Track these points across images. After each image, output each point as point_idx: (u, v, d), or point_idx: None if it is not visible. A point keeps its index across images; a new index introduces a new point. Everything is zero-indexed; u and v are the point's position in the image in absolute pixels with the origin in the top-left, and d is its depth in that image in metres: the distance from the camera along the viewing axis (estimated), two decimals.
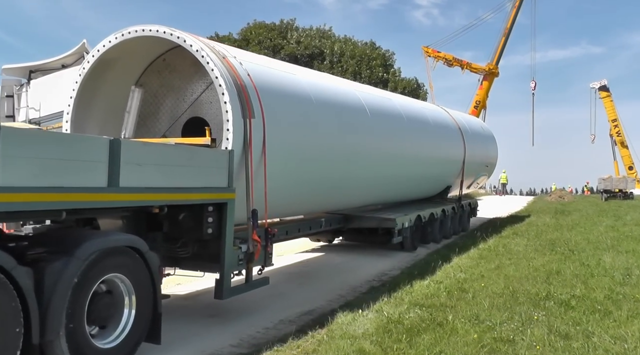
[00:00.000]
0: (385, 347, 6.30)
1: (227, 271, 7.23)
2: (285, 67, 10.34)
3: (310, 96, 9.76)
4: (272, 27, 48.11)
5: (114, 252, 5.54)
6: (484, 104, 49.13)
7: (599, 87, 56.05)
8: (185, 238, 7.11)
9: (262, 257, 7.95)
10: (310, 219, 12.02)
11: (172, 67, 9.22)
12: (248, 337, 7.07)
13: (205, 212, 6.94)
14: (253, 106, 7.87)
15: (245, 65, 8.36)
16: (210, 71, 7.59)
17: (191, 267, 7.63)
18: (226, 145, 7.47)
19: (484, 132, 22.25)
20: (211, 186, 6.96)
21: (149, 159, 5.98)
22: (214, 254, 7.19)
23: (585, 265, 11.58)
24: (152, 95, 9.31)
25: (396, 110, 13.79)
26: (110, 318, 5.63)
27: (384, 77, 45.89)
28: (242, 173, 7.60)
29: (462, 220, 19.11)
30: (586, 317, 7.58)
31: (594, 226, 19.74)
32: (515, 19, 49.01)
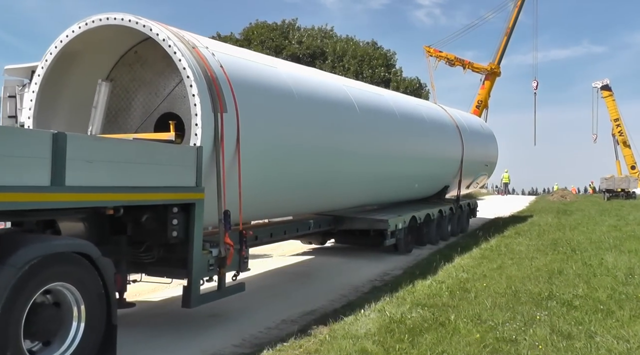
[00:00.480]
0: (387, 347, 6.28)
1: (196, 277, 6.72)
2: (265, 59, 9.78)
3: (292, 90, 9.26)
4: (274, 27, 48.09)
5: (58, 258, 4.96)
6: (486, 104, 49.04)
7: (601, 87, 55.94)
8: (149, 242, 6.64)
9: (235, 261, 7.44)
10: (299, 220, 11.56)
11: (144, 60, 8.69)
12: (250, 336, 7.07)
13: (170, 214, 6.44)
14: (225, 100, 7.39)
15: (218, 56, 7.88)
16: (177, 62, 7.10)
17: (157, 273, 7.13)
18: (195, 141, 6.94)
19: (484, 131, 21.88)
20: (176, 185, 6.45)
21: (102, 155, 5.47)
22: (181, 258, 6.70)
23: (587, 265, 11.55)
24: (124, 90, 8.82)
25: (388, 106, 13.34)
26: (55, 332, 5.08)
27: (385, 76, 45.83)
28: (213, 171, 7.14)
29: (461, 221, 18.73)
30: (589, 317, 7.55)
31: (596, 226, 19.71)
32: (517, 18, 48.95)
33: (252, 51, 9.90)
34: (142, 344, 6.75)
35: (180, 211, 6.52)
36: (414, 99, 18.20)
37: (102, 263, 5.35)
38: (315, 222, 11.81)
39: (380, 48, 48.75)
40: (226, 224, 7.11)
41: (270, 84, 8.84)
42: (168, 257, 6.82)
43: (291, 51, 44.99)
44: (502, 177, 49.64)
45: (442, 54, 48.19)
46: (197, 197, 6.70)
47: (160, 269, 7.00)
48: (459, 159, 17.64)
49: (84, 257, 5.20)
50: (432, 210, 15.64)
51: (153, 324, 7.60)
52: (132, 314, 7.57)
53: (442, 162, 16.72)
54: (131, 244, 6.59)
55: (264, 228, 10.30)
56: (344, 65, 45.53)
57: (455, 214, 17.70)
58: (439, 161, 16.42)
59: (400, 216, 13.60)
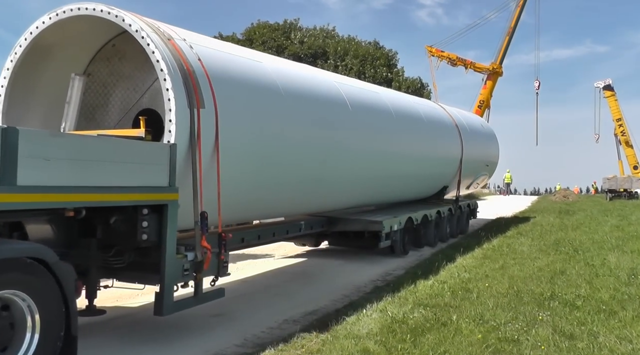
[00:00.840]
0: (389, 347, 6.28)
1: (169, 283, 6.33)
2: (249, 53, 9.33)
3: (278, 86, 8.87)
4: (276, 27, 48.18)
5: (8, 265, 4.55)
6: (488, 104, 49.00)
7: (603, 87, 55.82)
8: (119, 245, 6.30)
9: (214, 266, 7.04)
10: (289, 221, 11.17)
11: (122, 53, 8.28)
12: (252, 336, 7.07)
13: (140, 216, 6.09)
14: (203, 95, 7.01)
15: (197, 49, 7.52)
16: (150, 54, 6.73)
17: (129, 279, 6.74)
18: (168, 138, 6.59)
19: (484, 130, 21.57)
20: (146, 185, 6.07)
21: (61, 152, 5.07)
22: (154, 263, 6.32)
23: (590, 265, 11.55)
24: (102, 85, 8.42)
25: (383, 104, 12.94)
26: (5, 344, 4.69)
27: (387, 76, 45.87)
28: (189, 171, 6.79)
29: (461, 222, 18.34)
30: (591, 317, 7.55)
31: (598, 226, 19.71)
32: (519, 18, 48.87)
33: (237, 45, 9.43)
34: (144, 344, 6.77)
35: (150, 213, 6.16)
36: (411, 97, 17.83)
37: (60, 269, 4.94)
38: (307, 224, 11.45)
39: (382, 48, 48.83)
40: (203, 226, 6.75)
41: (254, 79, 8.45)
42: (140, 262, 6.44)
43: (293, 51, 45.02)
44: (504, 177, 49.64)
45: (444, 54, 48.15)
46: (170, 198, 6.34)
47: (132, 274, 6.60)
48: (458, 159, 17.27)
49: (39, 262, 4.79)
50: (430, 211, 15.27)
51: (155, 324, 7.60)
52: (135, 314, 7.60)
53: (441, 162, 16.36)
54: (101, 248, 6.26)
55: (251, 230, 9.91)
56: (346, 65, 45.56)
57: (454, 215, 17.33)
58: (437, 161, 16.05)
59: (396, 217, 13.29)
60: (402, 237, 13.64)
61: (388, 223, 12.64)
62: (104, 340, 6.80)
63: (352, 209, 13.36)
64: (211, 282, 7.26)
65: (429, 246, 15.15)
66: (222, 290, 7.41)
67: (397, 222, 13.21)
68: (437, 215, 15.70)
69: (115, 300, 8.41)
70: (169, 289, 6.35)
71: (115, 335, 7.00)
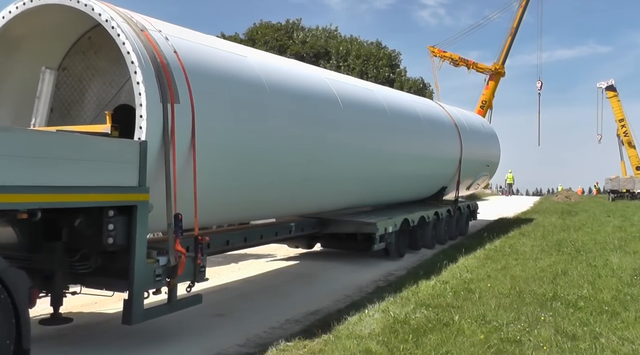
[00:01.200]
0: (391, 348, 6.28)
1: (138, 289, 5.95)
2: (232, 47, 8.87)
3: (263, 82, 8.47)
4: (278, 27, 48.31)
5: None
6: (490, 104, 48.94)
7: (605, 87, 55.65)
8: (85, 249, 5.94)
9: (189, 271, 6.63)
10: (279, 223, 10.83)
11: (98, 46, 7.82)
12: (254, 336, 7.07)
13: (105, 218, 5.73)
14: (178, 89, 6.64)
15: (173, 41, 7.12)
16: (121, 45, 6.33)
17: (96, 285, 6.36)
18: (139, 135, 6.20)
19: (485, 130, 21.28)
20: (112, 185, 5.71)
21: (11, 149, 4.74)
22: (123, 268, 5.96)
23: (592, 265, 11.56)
24: (77, 80, 8.02)
25: (377, 102, 12.53)
26: None
27: (390, 77, 45.91)
28: (162, 169, 6.43)
29: (460, 223, 17.98)
30: (593, 318, 7.55)
31: (601, 227, 19.74)
32: (521, 18, 48.80)
33: (220, 39, 8.86)
34: (146, 344, 6.77)
35: (117, 215, 5.80)
36: (408, 95, 17.44)
37: (9, 276, 4.52)
38: (297, 225, 11.06)
39: (384, 48, 48.86)
40: (177, 228, 6.39)
41: (236, 74, 8.06)
42: (108, 267, 6.10)
43: (295, 51, 45.05)
44: (506, 177, 49.67)
45: (446, 54, 48.10)
46: (139, 199, 5.95)
47: (99, 279, 6.24)
48: (457, 159, 16.88)
49: None
50: (428, 212, 14.87)
51: (156, 323, 7.59)
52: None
53: (439, 162, 15.95)
54: (67, 252, 5.93)
55: (237, 232, 9.56)
56: (349, 65, 45.59)
57: (453, 216, 16.90)
58: (435, 161, 15.62)
59: (391, 219, 12.84)
60: (398, 240, 13.22)
61: (382, 225, 12.20)
62: (105, 341, 6.80)
63: (347, 210, 13.05)
64: (187, 288, 6.89)
65: (427, 248, 14.79)
66: (200, 296, 7.03)
67: (392, 223, 12.78)
68: (435, 217, 15.29)
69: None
70: (138, 296, 5.96)
71: (116, 335, 7.00)
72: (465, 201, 19.47)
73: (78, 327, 7.08)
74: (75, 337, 6.91)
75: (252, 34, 47.62)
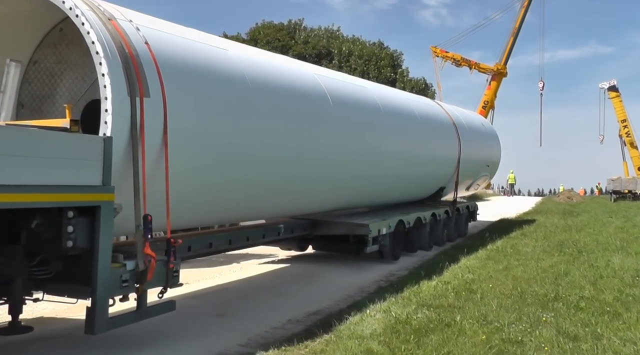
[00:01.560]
0: (393, 348, 6.29)
1: (102, 296, 5.57)
2: (213, 40, 8.40)
3: (245, 77, 8.08)
4: (280, 27, 48.37)
5: None
6: (492, 104, 48.83)
7: (608, 87, 55.53)
8: (44, 253, 5.56)
9: (161, 276, 6.23)
10: (268, 224, 10.53)
11: (70, 38, 7.33)
12: (256, 336, 7.07)
13: (65, 219, 5.33)
14: (148, 82, 6.26)
15: (145, 31, 6.71)
16: (85, 35, 5.93)
17: (58, 292, 5.94)
18: (104, 130, 5.82)
19: (485, 129, 20.95)
20: (71, 184, 5.30)
21: None
22: (86, 273, 5.56)
23: (594, 266, 11.55)
24: (48, 74, 7.60)
25: (371, 99, 12.16)
26: None
27: (392, 77, 45.90)
28: (130, 168, 6.07)
29: (459, 224, 17.66)
30: (595, 318, 7.56)
31: (603, 227, 19.69)
32: (524, 18, 48.68)
33: (199, 31, 8.50)
34: (146, 344, 6.76)
35: (78, 216, 5.41)
36: (403, 93, 16.88)
37: None
38: (287, 227, 10.72)
39: (386, 48, 48.85)
40: (146, 230, 5.98)
41: (215, 67, 7.63)
42: (70, 272, 5.69)
43: (297, 51, 45.07)
44: (508, 177, 49.62)
45: (448, 55, 48.02)
46: (103, 199, 5.55)
47: (62, 286, 5.83)
48: (456, 159, 16.46)
49: None
50: (424, 213, 14.52)
51: (156, 323, 7.59)
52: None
53: (436, 162, 15.54)
54: (27, 256, 5.55)
55: (221, 234, 9.18)
56: (351, 66, 45.60)
57: (451, 217, 16.55)
58: (432, 160, 15.22)
59: (385, 220, 12.46)
60: (392, 241, 12.84)
61: (375, 226, 11.81)
62: (102, 341, 6.77)
63: (341, 212, 12.74)
64: (159, 294, 6.54)
65: (423, 250, 14.43)
66: (172, 303, 6.66)
67: (386, 225, 12.40)
68: (432, 218, 14.94)
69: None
70: (102, 303, 5.59)
71: (117, 334, 7.00)
72: (464, 202, 19.20)
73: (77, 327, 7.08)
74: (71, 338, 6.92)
75: (254, 34, 47.66)
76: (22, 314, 5.88)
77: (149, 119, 6.19)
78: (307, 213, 11.29)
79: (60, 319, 7.66)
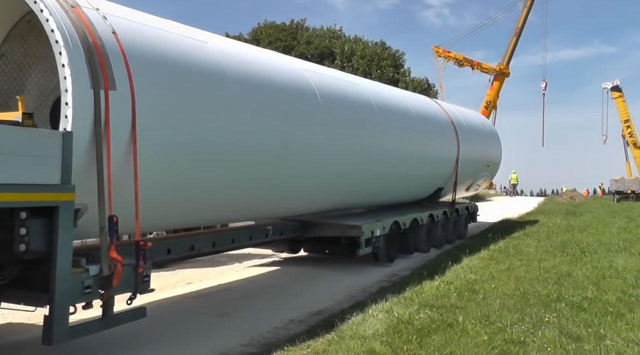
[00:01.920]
0: (395, 348, 6.28)
1: (61, 304, 5.16)
2: (191, 32, 7.96)
3: (225, 71, 7.71)
4: (283, 27, 48.45)
5: None
6: (495, 104, 48.83)
7: (611, 88, 55.53)
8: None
9: (129, 281, 5.88)
10: (254, 226, 10.18)
11: (39, 30, 6.75)
12: (258, 336, 7.08)
13: (17, 221, 4.91)
14: (114, 74, 5.87)
15: (113, 20, 6.28)
16: (44, 22, 5.56)
17: (14, 299, 5.55)
18: (64, 125, 5.44)
19: (485, 128, 20.56)
20: (23, 182, 4.88)
21: None
22: (44, 279, 5.19)
23: (596, 267, 11.52)
24: (16, 68, 7.26)
25: (363, 96, 11.77)
26: None
27: (394, 77, 45.88)
28: (94, 165, 5.67)
29: (458, 226, 17.12)
30: (598, 319, 7.53)
31: (605, 228, 19.64)
32: (526, 18, 48.66)
33: (177, 23, 8.04)
34: (148, 343, 6.77)
35: (32, 217, 5.01)
36: (398, 90, 16.51)
37: None
38: (276, 229, 10.32)
39: (388, 48, 48.84)
40: (111, 232, 5.62)
41: (191, 60, 7.22)
42: (27, 278, 5.32)
43: (300, 51, 45.10)
44: (510, 178, 49.60)
45: (450, 55, 48.03)
46: (62, 199, 5.15)
47: (18, 293, 5.44)
48: (454, 158, 16.04)
49: None
50: (421, 214, 14.06)
51: (162, 323, 7.61)
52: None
53: (433, 161, 15.12)
54: None
55: (203, 236, 8.83)
56: (353, 66, 45.61)
57: (450, 218, 16.11)
58: (429, 160, 14.81)
59: (379, 221, 12.01)
60: (387, 243, 12.37)
61: (368, 228, 11.32)
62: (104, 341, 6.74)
63: (335, 213, 12.37)
64: (127, 300, 6.17)
65: (421, 252, 14.09)
66: (143, 310, 6.28)
67: (380, 226, 11.91)
68: (430, 219, 14.48)
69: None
70: (60, 311, 5.18)
71: (119, 334, 6.99)
72: (464, 203, 18.85)
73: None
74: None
75: (257, 34, 47.71)
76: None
77: (116, 114, 5.83)
78: (297, 214, 10.86)
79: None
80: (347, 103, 11.01)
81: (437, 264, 12.06)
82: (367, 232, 11.22)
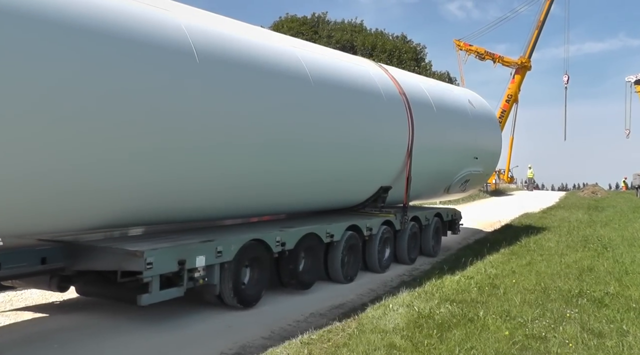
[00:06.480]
0: (415, 342, 6.27)
1: None
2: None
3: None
4: (304, 20, 48.36)
5: None
6: (516, 98, 48.38)
7: (634, 81, 54.74)
8: None
9: None
10: None
11: None
12: (279, 329, 7.15)
13: None
14: None
15: None
16: None
17: None
18: None
19: (473, 109, 15.31)
20: None
21: None
22: None
23: (619, 262, 11.38)
24: None
25: (245, 53, 7.97)
26: None
27: (415, 70, 45.71)
28: None
29: (424, 240, 13.04)
30: (620, 315, 7.45)
31: (628, 223, 19.37)
32: (549, 10, 48.02)
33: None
34: (170, 334, 6.88)
35: None
36: (309, 45, 10.90)
37: None
38: (18, 256, 6.13)
39: (409, 42, 48.63)
40: None
41: (133, 30, 6.16)
42: None
43: (321, 45, 45.10)
44: (527, 173, 49.50)
45: (472, 48, 47.65)
46: None
47: None
48: (405, 146, 11.67)
49: None
50: (329, 227, 9.63)
51: (182, 316, 7.70)
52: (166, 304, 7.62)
53: (368, 151, 10.63)
54: None
55: None
56: (374, 60, 45.54)
57: (404, 230, 11.99)
58: (360, 149, 10.34)
59: (212, 242, 7.40)
60: (235, 279, 7.75)
61: (165, 256, 6.70)
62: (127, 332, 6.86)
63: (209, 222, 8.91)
64: None
65: (338, 283, 9.95)
66: None
67: (211, 251, 7.30)
68: (353, 235, 10.24)
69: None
70: None
71: (134, 327, 7.08)
72: (434, 208, 14.63)
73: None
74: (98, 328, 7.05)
75: (278, 27, 47.77)
76: None
77: None
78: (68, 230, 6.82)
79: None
80: (223, 63, 7.49)
81: (457, 258, 11.97)
82: (157, 265, 6.55)
